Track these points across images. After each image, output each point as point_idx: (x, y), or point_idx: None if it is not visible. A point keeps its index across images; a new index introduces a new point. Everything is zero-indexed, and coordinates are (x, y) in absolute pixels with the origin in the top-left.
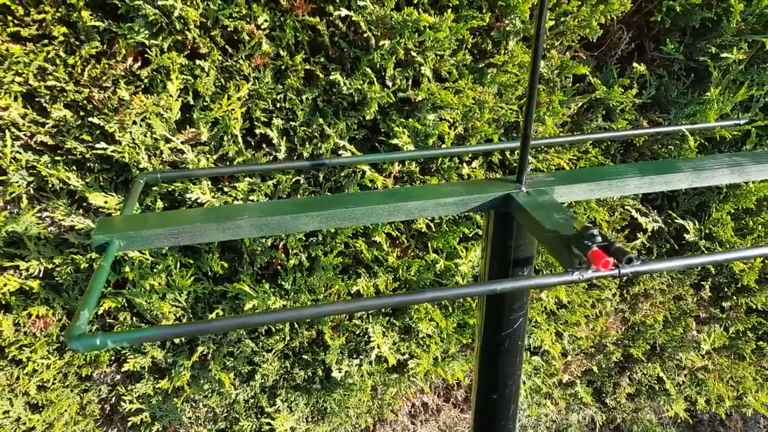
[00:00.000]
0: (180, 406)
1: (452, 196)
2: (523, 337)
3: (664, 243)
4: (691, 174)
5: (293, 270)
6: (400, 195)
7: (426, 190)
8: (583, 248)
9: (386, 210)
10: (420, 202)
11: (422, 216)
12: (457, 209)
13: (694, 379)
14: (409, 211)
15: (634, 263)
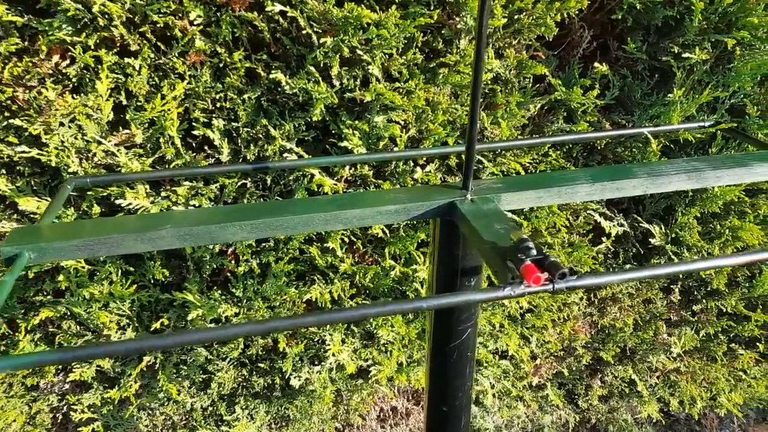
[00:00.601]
0: (136, 415)
1: (393, 203)
2: (473, 349)
3: (631, 247)
4: (646, 180)
5: (244, 277)
6: (338, 203)
7: (366, 197)
8: (516, 262)
9: (322, 219)
10: (359, 211)
11: (361, 225)
12: (399, 217)
13: (666, 381)
14: (347, 219)
15: (568, 278)
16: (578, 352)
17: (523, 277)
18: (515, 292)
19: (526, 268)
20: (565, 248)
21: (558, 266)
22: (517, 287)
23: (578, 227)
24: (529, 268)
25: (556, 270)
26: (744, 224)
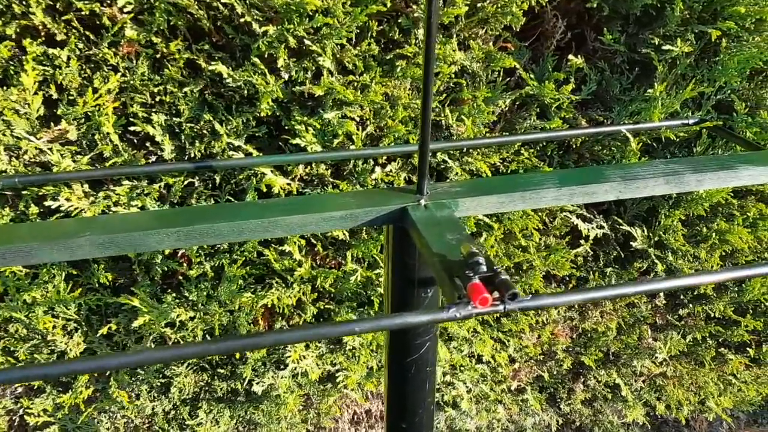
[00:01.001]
0: (96, 417)
1: (340, 209)
2: (433, 363)
3: (611, 250)
4: (619, 184)
5: (197, 280)
6: (279, 208)
7: (310, 202)
8: (464, 279)
9: (260, 226)
10: (300, 217)
11: (304, 232)
12: (346, 224)
13: (652, 385)
14: (288, 226)
15: (519, 299)
16: (559, 357)
17: (469, 297)
18: (460, 313)
19: (472, 287)
20: (540, 251)
21: (508, 285)
22: (463, 308)
23: (554, 229)
24: (476, 287)
25: (506, 289)
26: (732, 227)
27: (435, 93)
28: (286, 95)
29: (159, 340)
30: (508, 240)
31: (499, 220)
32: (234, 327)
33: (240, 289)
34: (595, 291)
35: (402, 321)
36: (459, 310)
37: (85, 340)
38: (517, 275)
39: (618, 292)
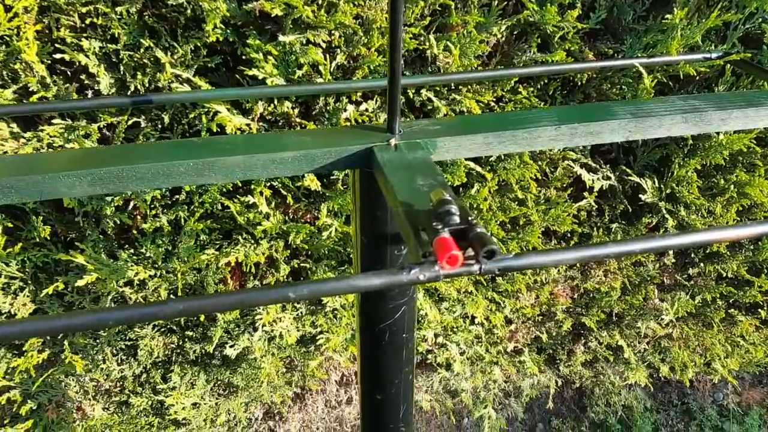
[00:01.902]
0: (64, 381)
1: (292, 149)
2: (410, 329)
3: (618, 203)
4: (629, 122)
5: (154, 235)
6: (217, 148)
7: (255, 141)
8: (431, 233)
9: (193, 168)
10: (243, 158)
11: (248, 177)
12: (299, 167)
13: (656, 347)
14: (228, 169)
15: (499, 257)
16: (558, 318)
17: (435, 255)
18: (425, 275)
19: (439, 242)
20: (539, 205)
21: (484, 240)
22: (429, 269)
23: (555, 180)
24: (444, 243)
25: (481, 246)
26: (753, 179)
27: (418, 17)
28: (237, 15)
29: (119, 300)
30: (504, 192)
31: (493, 170)
32: (201, 287)
33: (202, 245)
34: (593, 248)
35: (348, 285)
36: (423, 272)
37: (34, 300)
38: (513, 232)
39: (621, 250)
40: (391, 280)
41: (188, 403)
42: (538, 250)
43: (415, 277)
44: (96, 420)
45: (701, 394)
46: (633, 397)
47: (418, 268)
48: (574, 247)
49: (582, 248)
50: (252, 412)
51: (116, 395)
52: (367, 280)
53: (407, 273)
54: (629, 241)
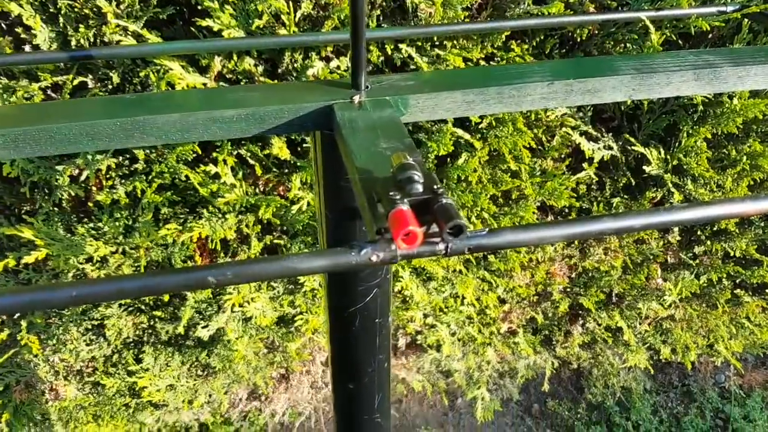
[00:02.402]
0: (33, 361)
1: (237, 106)
2: (384, 313)
3: (620, 176)
4: (633, 79)
5: (111, 209)
6: (150, 105)
7: (196, 96)
8: (387, 204)
9: (120, 129)
10: (179, 117)
11: (186, 139)
12: (246, 128)
13: (658, 329)
14: (161, 130)
15: (467, 234)
16: (555, 298)
17: (391, 231)
18: (378, 256)
19: (395, 216)
20: (534, 177)
21: (449, 214)
22: (383, 248)
23: (552, 150)
24: (399, 216)
25: (446, 220)
26: (767, 150)
27: None
28: None
29: (81, 277)
30: (495, 163)
31: (483, 138)
32: (170, 264)
33: (165, 219)
34: (585, 223)
35: (282, 267)
36: (376, 252)
37: None
38: (506, 206)
39: (620, 225)
40: (336, 262)
41: (162, 385)
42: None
43: (366, 258)
44: (69, 401)
45: (702, 376)
46: (632, 378)
47: (370, 248)
48: (563, 221)
49: (572, 223)
50: (236, 392)
51: (89, 376)
52: (306, 261)
53: (356, 253)
54: (628, 215)
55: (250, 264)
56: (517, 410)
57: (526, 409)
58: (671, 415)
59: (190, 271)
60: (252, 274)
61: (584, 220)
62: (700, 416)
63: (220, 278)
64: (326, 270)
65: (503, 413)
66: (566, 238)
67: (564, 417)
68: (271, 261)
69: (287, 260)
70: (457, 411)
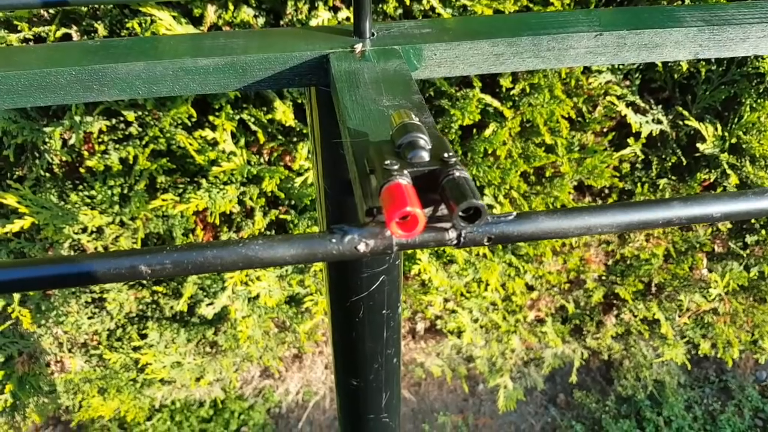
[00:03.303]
0: (37, 332)
1: (214, 54)
2: (392, 303)
3: (669, 154)
4: (700, 32)
5: (104, 176)
6: (113, 52)
7: (164, 43)
8: (382, 176)
9: (76, 79)
10: (145, 66)
11: (155, 93)
12: (225, 81)
13: (698, 322)
14: (125, 81)
15: (487, 219)
16: (588, 287)
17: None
18: (367, 245)
19: (388, 192)
20: (572, 152)
21: (464, 190)
22: (373, 234)
23: (594, 122)
24: (395, 192)
25: (459, 199)
26: None
27: None
28: None
29: (77, 248)
30: (528, 135)
31: (515, 106)
32: (171, 238)
33: (163, 188)
34: (644, 209)
35: (239, 256)
36: (365, 238)
37: None
38: (538, 185)
39: (692, 213)
40: (310, 251)
41: (168, 361)
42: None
43: (350, 248)
44: (75, 373)
45: (741, 372)
46: (665, 371)
47: (357, 234)
48: (616, 205)
49: (627, 208)
50: (247, 371)
51: (94, 349)
52: (269, 249)
53: (338, 240)
54: (703, 199)
55: (197, 250)
56: (542, 399)
57: (551, 398)
58: (706, 412)
59: (123, 256)
60: (199, 264)
61: (644, 204)
62: (738, 414)
63: (156, 268)
64: (298, 261)
65: (526, 402)
66: (621, 228)
67: (591, 409)
68: (225, 247)
69: (245, 247)
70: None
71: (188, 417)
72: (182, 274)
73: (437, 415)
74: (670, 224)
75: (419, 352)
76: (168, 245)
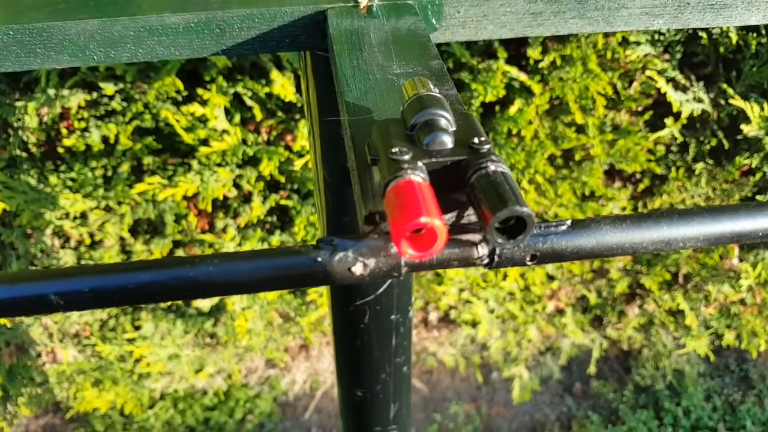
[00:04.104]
0: (25, 322)
1: (183, 10)
2: (403, 308)
3: (709, 136)
4: None
5: (85, 156)
6: (55, 7)
7: None
8: (388, 168)
9: (14, 41)
10: (97, 24)
11: (114, 59)
12: (200, 45)
13: (723, 313)
14: (75, 44)
15: (529, 233)
16: (612, 276)
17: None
18: (365, 266)
19: (396, 192)
20: (605, 133)
21: (503, 193)
22: (373, 251)
23: (629, 100)
24: (405, 195)
25: (495, 206)
26: None
27: None
28: None
29: (61, 235)
30: (557, 114)
31: (543, 81)
32: (162, 223)
33: (151, 170)
34: (734, 215)
35: (178, 281)
36: (361, 257)
37: None
38: (566, 169)
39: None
40: (285, 274)
41: (164, 354)
42: (617, 216)
43: (342, 270)
44: (67, 365)
45: (762, 361)
46: (685, 360)
47: (352, 250)
48: (710, 210)
49: (726, 214)
50: (251, 360)
51: (87, 339)
52: (228, 271)
53: (325, 260)
54: None
55: (128, 273)
56: (557, 388)
57: (566, 387)
58: (726, 402)
59: (14, 280)
60: (129, 292)
61: (740, 210)
62: (758, 404)
63: (71, 298)
64: (269, 287)
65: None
66: (710, 242)
67: (608, 399)
68: (167, 269)
69: (194, 268)
70: (492, 386)
71: (192, 405)
72: (108, 306)
73: (449, 404)
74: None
75: (431, 341)
76: (88, 266)
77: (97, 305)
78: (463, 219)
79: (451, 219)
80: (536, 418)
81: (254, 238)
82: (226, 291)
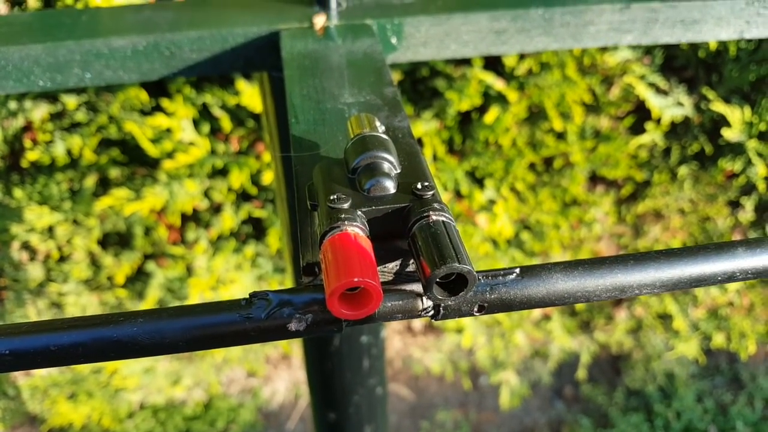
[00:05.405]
0: None
1: (132, 33)
2: (374, 330)
3: (690, 141)
4: (748, 6)
5: (50, 169)
6: (2, 29)
7: (65, 17)
8: (326, 218)
9: None
10: (41, 49)
11: (58, 86)
12: (149, 68)
13: (712, 315)
14: (17, 70)
15: (470, 289)
16: None
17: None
18: (300, 322)
19: (332, 246)
20: (585, 140)
21: (442, 248)
22: (306, 307)
23: (609, 105)
24: (340, 250)
25: (435, 261)
26: None
27: None
28: None
29: (29, 249)
30: (535, 121)
31: (521, 88)
32: (131, 236)
33: (116, 183)
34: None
35: (99, 343)
36: (299, 312)
37: None
38: (546, 175)
39: None
40: (214, 332)
41: (138, 368)
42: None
43: (277, 326)
44: (41, 379)
45: (753, 362)
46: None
47: (288, 307)
48: (667, 254)
49: (683, 258)
50: (231, 370)
51: None
52: (155, 331)
53: (257, 317)
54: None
55: (39, 333)
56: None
57: (556, 391)
58: (717, 404)
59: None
60: (42, 356)
61: (699, 253)
62: (749, 405)
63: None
64: (200, 346)
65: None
66: (667, 287)
67: (599, 402)
68: (87, 329)
69: (117, 328)
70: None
71: (172, 414)
72: (30, 368)
73: (437, 411)
74: (732, 279)
75: (416, 348)
76: (7, 326)
77: (17, 367)
78: (409, 266)
79: (395, 268)
80: (526, 423)
81: (227, 249)
82: (152, 352)
